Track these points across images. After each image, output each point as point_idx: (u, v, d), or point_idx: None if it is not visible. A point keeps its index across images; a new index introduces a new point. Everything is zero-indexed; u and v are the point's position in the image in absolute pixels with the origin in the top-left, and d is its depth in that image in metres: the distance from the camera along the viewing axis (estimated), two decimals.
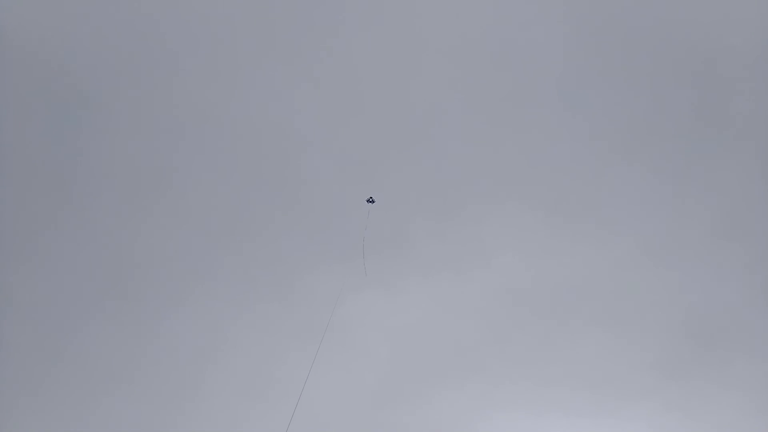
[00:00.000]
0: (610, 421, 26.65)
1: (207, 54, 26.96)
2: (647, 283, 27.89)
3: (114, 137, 26.90)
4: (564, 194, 28.43)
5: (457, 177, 28.78)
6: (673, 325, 27.43)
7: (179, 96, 27.13)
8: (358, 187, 27.54)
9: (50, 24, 25.52)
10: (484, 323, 28.40)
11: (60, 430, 24.73)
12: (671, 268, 27.79)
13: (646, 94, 27.32)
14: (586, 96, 27.46)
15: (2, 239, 25.83)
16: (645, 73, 27.11)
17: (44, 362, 25.58)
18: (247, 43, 27.10)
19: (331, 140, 28.47)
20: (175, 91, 27.10)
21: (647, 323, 27.59)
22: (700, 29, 26.33)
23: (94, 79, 26.41)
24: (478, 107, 28.34)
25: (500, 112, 28.23)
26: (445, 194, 28.92)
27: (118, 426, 25.24)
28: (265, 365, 27.57)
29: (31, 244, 26.35)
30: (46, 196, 26.45)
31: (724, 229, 27.17)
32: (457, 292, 28.69)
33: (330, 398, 26.51)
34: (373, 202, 26.01)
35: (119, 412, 25.38)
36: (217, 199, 28.08)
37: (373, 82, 28.18)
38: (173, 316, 27.30)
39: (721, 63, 26.55)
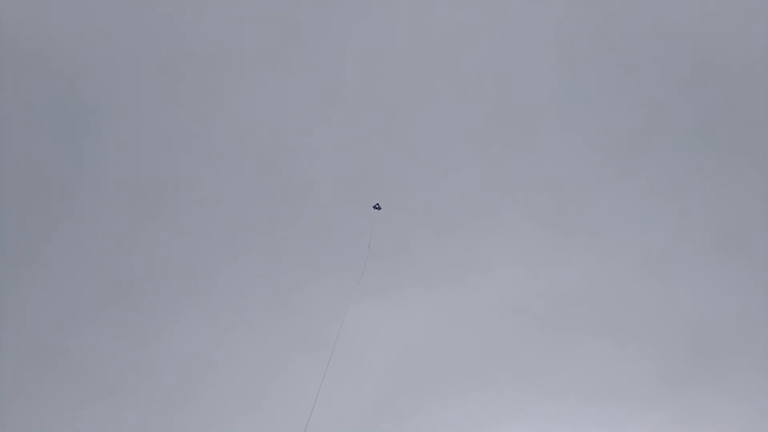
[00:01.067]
0: None
1: (211, 63, 27.34)
2: (648, 295, 27.99)
3: (116, 146, 27.09)
4: (564, 207, 28.73)
5: (458, 189, 29.08)
6: (674, 337, 27.43)
7: (182, 105, 27.43)
8: (360, 198, 27.75)
9: (54, 29, 25.85)
10: (486, 334, 28.34)
11: None
12: (672, 280, 27.93)
13: (645, 107, 27.83)
14: (585, 109, 27.98)
15: (3, 246, 25.83)
16: (643, 86, 27.64)
17: (44, 369, 25.27)
18: (251, 53, 27.54)
19: (333, 152, 28.78)
20: (178, 101, 27.39)
21: (648, 335, 27.58)
22: (698, 42, 26.96)
23: (97, 88, 26.66)
24: (478, 120, 28.82)
25: (500, 125, 28.69)
26: (446, 206, 29.14)
27: None
28: (264, 375, 27.32)
29: (31, 252, 26.27)
30: (47, 204, 26.48)
31: (724, 241, 27.42)
32: (458, 304, 28.69)
33: (330, 409, 26.16)
34: (379, 208, 25.81)
35: (118, 421, 25.01)
36: (219, 208, 28.17)
37: (376, 95, 28.60)
38: (173, 325, 27.12)
39: (718, 76, 27.13)
